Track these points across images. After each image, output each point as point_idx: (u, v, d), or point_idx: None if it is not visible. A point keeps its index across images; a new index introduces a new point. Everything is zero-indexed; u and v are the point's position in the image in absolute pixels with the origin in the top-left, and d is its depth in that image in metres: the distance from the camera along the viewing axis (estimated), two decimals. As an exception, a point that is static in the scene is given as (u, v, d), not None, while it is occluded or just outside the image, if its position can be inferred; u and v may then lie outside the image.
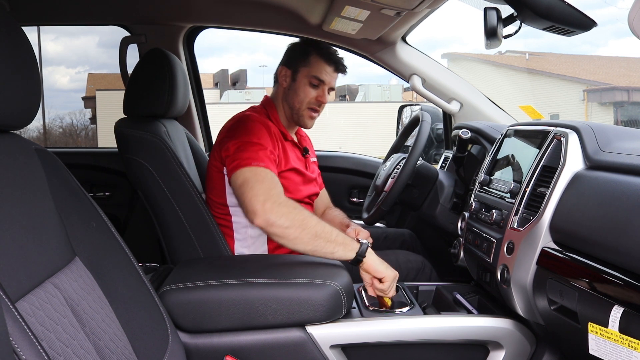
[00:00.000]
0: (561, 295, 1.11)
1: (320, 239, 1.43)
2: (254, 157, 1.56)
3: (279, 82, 1.85)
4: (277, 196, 1.47)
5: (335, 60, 1.82)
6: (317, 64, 1.80)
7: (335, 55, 1.83)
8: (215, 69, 31.37)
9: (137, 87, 1.83)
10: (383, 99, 21.76)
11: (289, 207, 1.45)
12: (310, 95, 1.79)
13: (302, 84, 1.80)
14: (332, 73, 1.82)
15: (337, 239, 1.44)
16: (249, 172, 1.52)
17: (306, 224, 1.43)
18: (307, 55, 1.81)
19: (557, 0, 1.31)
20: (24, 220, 0.92)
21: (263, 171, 1.53)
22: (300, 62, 1.81)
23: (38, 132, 18.89)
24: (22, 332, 0.74)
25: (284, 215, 1.42)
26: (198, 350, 1.32)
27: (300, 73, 1.80)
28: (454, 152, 1.89)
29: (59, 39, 40.28)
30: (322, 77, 1.79)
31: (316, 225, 1.43)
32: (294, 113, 1.81)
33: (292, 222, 1.42)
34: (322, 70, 1.80)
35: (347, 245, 1.45)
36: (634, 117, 17.44)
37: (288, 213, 1.43)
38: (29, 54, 0.96)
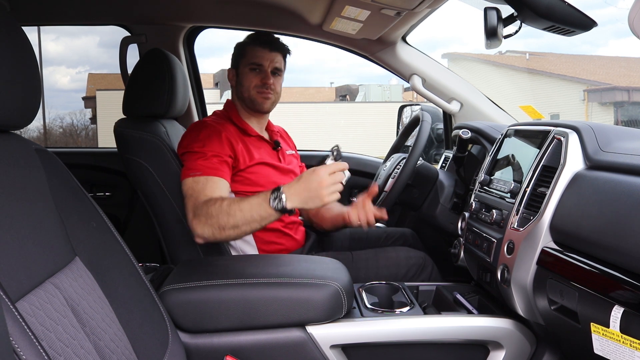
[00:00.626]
0: (561, 295, 1.11)
1: (241, 227, 1.46)
2: (190, 166, 1.63)
3: (230, 84, 1.92)
4: (198, 207, 1.52)
5: (266, 40, 1.85)
6: (252, 51, 1.85)
7: (267, 36, 1.87)
8: (215, 69, 31.33)
9: (137, 87, 1.84)
10: (383, 99, 21.77)
11: (203, 215, 1.49)
12: (254, 80, 1.84)
13: (244, 74, 1.85)
14: (269, 54, 1.84)
15: (254, 216, 1.45)
16: (184, 186, 1.61)
17: (221, 224, 1.47)
18: (243, 49, 1.87)
19: (557, 0, 1.31)
20: (24, 220, 0.92)
21: (194, 181, 1.59)
22: (240, 58, 1.87)
23: (38, 132, 18.91)
24: (22, 332, 0.74)
25: (204, 226, 1.49)
26: (198, 350, 1.32)
27: (241, 66, 1.86)
28: (454, 152, 1.89)
29: (59, 39, 40.30)
30: (258, 61, 1.83)
31: (229, 218, 1.46)
32: (247, 102, 1.86)
33: (212, 228, 1.48)
34: (257, 54, 1.84)
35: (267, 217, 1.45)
36: (634, 117, 17.43)
37: (205, 222, 1.49)
38: (29, 54, 0.96)
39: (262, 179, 1.78)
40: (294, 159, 2.01)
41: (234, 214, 1.46)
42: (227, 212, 1.47)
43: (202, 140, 1.69)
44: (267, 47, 1.85)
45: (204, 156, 1.65)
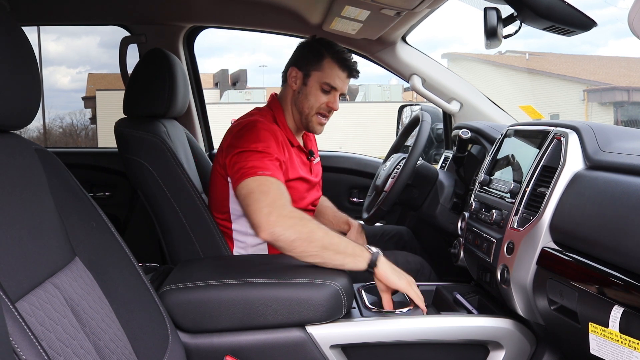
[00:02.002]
0: (561, 295, 1.11)
1: (329, 251, 1.38)
2: (259, 165, 1.50)
3: (288, 84, 1.78)
4: (282, 207, 1.41)
5: (349, 65, 1.75)
6: (330, 69, 1.73)
7: (349, 60, 1.76)
8: (215, 69, 31.36)
9: (137, 87, 1.83)
10: (383, 99, 21.77)
11: (294, 219, 1.39)
12: (321, 100, 1.74)
13: (314, 89, 1.73)
14: (345, 79, 1.76)
15: (347, 250, 1.39)
16: (253, 183, 1.46)
17: (313, 237, 1.38)
18: (320, 59, 1.73)
19: (557, 0, 1.31)
20: (24, 220, 0.92)
21: (268, 180, 1.47)
22: (313, 65, 1.74)
23: (38, 132, 18.92)
24: (22, 332, 0.74)
25: (290, 228, 1.37)
26: (198, 350, 1.32)
27: (312, 77, 1.73)
28: (454, 152, 1.89)
29: (60, 39, 40.32)
30: (335, 84, 1.73)
31: (324, 237, 1.38)
32: (303, 118, 1.77)
33: (299, 234, 1.37)
34: (335, 77, 1.73)
35: (357, 256, 1.40)
36: (634, 117, 17.44)
37: (294, 225, 1.38)
38: (29, 54, 0.96)
39: (295, 194, 1.70)
40: (319, 168, 1.95)
41: (331, 237, 1.39)
42: (325, 232, 1.39)
43: (263, 140, 1.58)
44: (346, 72, 1.75)
45: (270, 157, 1.55)
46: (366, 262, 1.40)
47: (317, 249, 1.38)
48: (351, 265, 1.40)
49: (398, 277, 1.41)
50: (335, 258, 1.39)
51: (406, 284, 1.41)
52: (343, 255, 1.39)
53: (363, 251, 1.41)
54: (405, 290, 1.41)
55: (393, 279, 1.40)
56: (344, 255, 1.39)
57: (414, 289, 1.42)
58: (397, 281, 1.40)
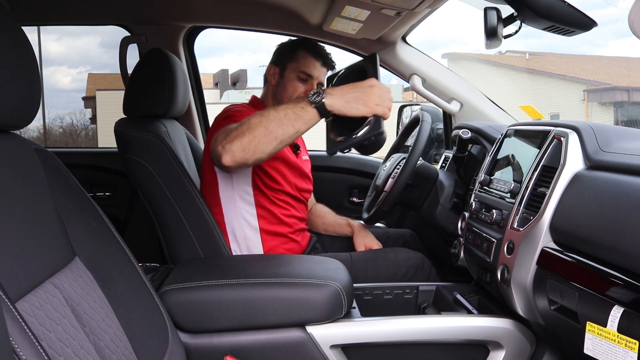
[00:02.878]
0: (561, 295, 1.11)
1: (274, 129, 1.38)
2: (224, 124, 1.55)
3: (268, 81, 1.87)
4: (227, 130, 1.44)
5: (322, 54, 1.83)
6: (304, 59, 1.81)
7: (322, 49, 1.85)
8: (216, 69, 31.37)
9: (137, 87, 1.83)
10: (383, 99, 21.71)
11: (233, 132, 1.41)
12: (299, 89, 1.80)
13: (291, 79, 1.81)
14: (320, 67, 1.82)
15: (288, 113, 1.39)
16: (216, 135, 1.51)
17: (252, 129, 1.38)
18: (295, 51, 1.82)
19: (557, 0, 1.31)
20: (24, 220, 0.92)
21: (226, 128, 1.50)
22: (288, 59, 1.83)
23: (38, 132, 18.90)
24: (22, 332, 0.74)
25: (234, 141, 1.39)
26: (198, 350, 1.32)
27: (288, 69, 1.81)
28: (454, 152, 1.89)
29: (61, 39, 40.31)
30: (309, 72, 1.80)
31: (260, 122, 1.39)
32: None
33: (241, 137, 1.39)
34: (309, 65, 1.80)
35: (301, 113, 1.38)
36: (634, 117, 17.43)
37: (235, 136, 1.40)
38: (29, 54, 0.96)
39: (278, 176, 1.77)
40: (309, 165, 1.99)
41: (267, 115, 1.39)
42: (260, 115, 1.39)
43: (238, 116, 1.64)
44: (320, 60, 1.82)
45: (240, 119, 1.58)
46: (314, 112, 1.38)
47: (264, 135, 1.38)
48: (305, 124, 1.39)
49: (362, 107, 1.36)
50: (286, 130, 1.39)
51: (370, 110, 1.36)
52: (290, 122, 1.38)
53: (304, 104, 1.39)
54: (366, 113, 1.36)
55: (353, 111, 1.36)
56: (291, 121, 1.38)
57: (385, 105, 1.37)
58: (358, 111, 1.36)
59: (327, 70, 1.85)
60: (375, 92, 1.38)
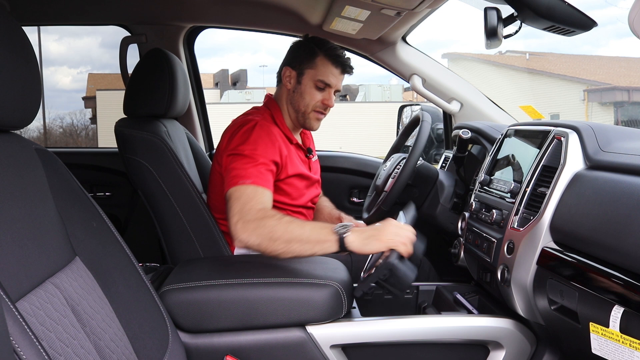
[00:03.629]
0: (561, 295, 1.11)
1: (294, 244, 1.37)
2: (241, 174, 1.52)
3: (283, 83, 1.79)
4: (247, 213, 1.43)
5: (342, 62, 1.76)
6: (323, 67, 1.73)
7: (342, 56, 1.77)
8: (216, 69, 31.35)
9: (137, 87, 1.83)
10: (383, 99, 21.76)
11: (255, 222, 1.40)
12: (317, 98, 1.75)
13: (308, 87, 1.74)
14: (339, 75, 1.76)
15: (311, 238, 1.37)
16: (231, 192, 1.50)
17: (274, 235, 1.37)
18: (313, 56, 1.74)
19: (557, 0, 1.32)
20: (24, 220, 0.92)
21: (241, 188, 1.49)
22: (306, 63, 1.74)
23: (38, 132, 18.92)
24: (23, 332, 0.74)
25: (252, 233, 1.39)
26: (198, 350, 1.32)
27: (306, 75, 1.74)
28: (454, 152, 1.89)
29: (62, 39, 40.32)
30: (328, 81, 1.74)
31: (284, 234, 1.37)
32: (300, 116, 1.77)
33: (261, 237, 1.38)
34: (329, 73, 1.74)
35: (324, 241, 1.36)
36: (634, 117, 17.44)
37: (255, 229, 1.39)
38: (29, 54, 0.96)
39: (295, 192, 1.74)
40: (318, 166, 1.95)
41: (292, 230, 1.38)
42: (286, 226, 1.38)
43: (254, 142, 1.59)
44: (339, 68, 1.75)
45: (254, 162, 1.56)
46: (335, 245, 1.36)
47: (283, 245, 1.37)
48: (321, 252, 1.38)
49: (372, 244, 1.35)
50: (303, 249, 1.37)
51: (381, 244, 1.35)
52: (310, 245, 1.37)
53: (329, 234, 1.37)
54: (383, 249, 1.35)
55: (368, 248, 1.35)
56: (312, 244, 1.37)
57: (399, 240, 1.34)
58: (371, 249, 1.35)
59: (344, 77, 1.78)
60: (390, 229, 1.36)
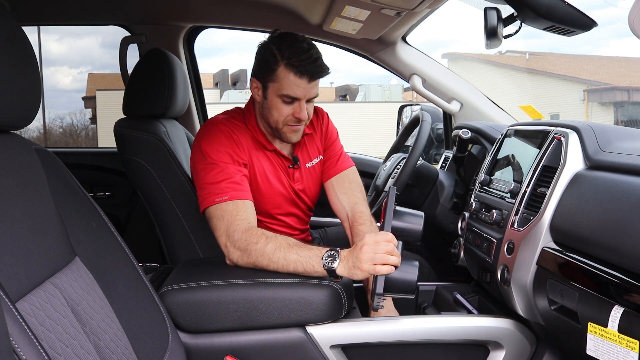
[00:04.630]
0: (561, 295, 1.11)
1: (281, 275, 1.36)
2: (215, 191, 1.47)
3: (253, 95, 1.62)
4: (232, 234, 1.42)
5: (308, 70, 1.49)
6: (286, 79, 1.49)
7: (306, 63, 1.49)
8: (215, 69, 31.34)
9: (136, 87, 1.84)
10: (383, 99, 21.76)
11: (241, 250, 1.40)
12: (285, 112, 1.54)
13: (274, 102, 1.53)
14: (307, 85, 1.51)
15: (297, 268, 1.34)
16: (211, 211, 1.47)
17: (260, 265, 1.38)
18: (275, 67, 1.50)
19: (557, 0, 1.32)
20: (24, 220, 0.92)
21: (222, 206, 1.46)
22: (268, 76, 1.52)
23: (38, 132, 18.91)
24: (22, 332, 0.74)
25: (239, 259, 1.41)
26: (198, 350, 1.32)
27: (270, 89, 1.53)
28: (454, 152, 1.89)
29: (62, 39, 40.32)
30: (294, 94, 1.51)
31: (269, 263, 1.36)
32: (273, 130, 1.59)
33: (249, 265, 1.40)
34: (293, 86, 1.50)
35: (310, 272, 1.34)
36: (634, 117, 17.44)
37: (241, 256, 1.40)
38: (29, 54, 0.96)
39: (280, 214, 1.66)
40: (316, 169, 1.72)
41: (277, 261, 1.36)
42: (270, 257, 1.36)
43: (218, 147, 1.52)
44: (306, 77, 1.49)
45: (223, 170, 1.49)
46: (321, 266, 1.33)
47: (270, 273, 1.37)
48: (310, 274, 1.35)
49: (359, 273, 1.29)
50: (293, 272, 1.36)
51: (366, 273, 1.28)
52: (295, 273, 1.36)
53: (317, 265, 1.33)
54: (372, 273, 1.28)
55: (355, 275, 1.30)
56: (295, 272, 1.36)
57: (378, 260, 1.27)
58: (359, 275, 1.29)
59: (317, 82, 1.54)
60: (366, 254, 1.27)
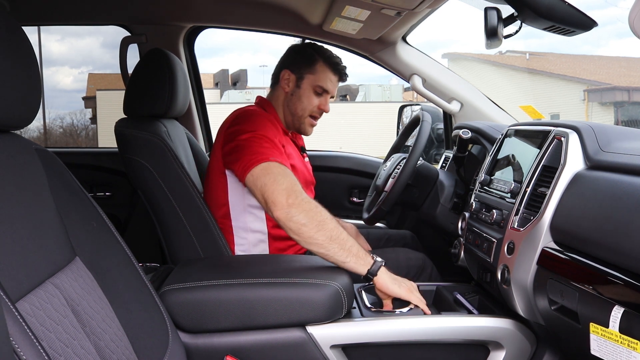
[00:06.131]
0: (562, 296, 1.11)
1: (335, 244, 1.40)
2: (268, 152, 1.53)
3: (281, 86, 1.82)
4: (300, 193, 1.45)
5: (340, 70, 1.82)
6: (323, 73, 1.79)
7: (340, 64, 1.83)
8: (216, 69, 31.32)
9: (137, 87, 1.83)
10: (383, 99, 21.76)
11: (310, 205, 1.43)
12: (314, 103, 1.80)
13: (307, 91, 1.79)
14: (336, 82, 1.83)
15: (352, 249, 1.41)
16: (270, 166, 1.49)
17: (323, 226, 1.40)
18: (314, 62, 1.79)
19: (557, 0, 1.32)
20: (24, 220, 0.92)
21: (282, 167, 1.50)
22: (306, 68, 1.79)
23: (38, 132, 18.91)
24: (23, 332, 0.74)
25: (304, 212, 1.40)
26: (198, 350, 1.32)
27: (306, 80, 1.79)
28: (455, 152, 1.89)
29: (64, 39, 40.28)
30: (327, 87, 1.80)
31: (333, 229, 1.41)
32: (295, 120, 1.82)
33: (311, 220, 1.40)
34: (327, 80, 1.79)
35: (360, 258, 1.41)
36: (635, 117, 17.45)
37: (309, 210, 1.41)
38: (29, 54, 0.96)
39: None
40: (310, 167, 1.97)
41: (340, 231, 1.41)
42: (335, 224, 1.42)
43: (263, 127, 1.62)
44: (337, 76, 1.82)
45: (272, 142, 1.58)
46: (367, 268, 1.41)
47: (325, 239, 1.39)
48: (352, 265, 1.41)
49: (398, 286, 1.43)
50: (339, 253, 1.40)
51: (406, 291, 1.43)
52: (347, 253, 1.40)
53: (367, 256, 1.42)
54: (406, 297, 1.42)
55: (393, 288, 1.42)
56: (348, 254, 1.40)
57: (415, 295, 1.44)
58: (397, 290, 1.42)
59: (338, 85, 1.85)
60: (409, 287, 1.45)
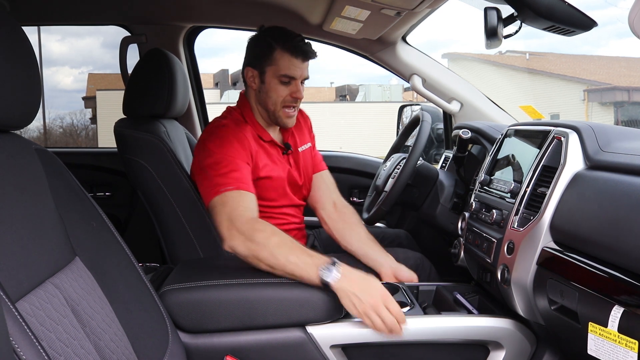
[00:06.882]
0: (561, 295, 1.11)
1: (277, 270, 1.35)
2: (225, 182, 1.52)
3: (249, 85, 1.74)
4: (237, 219, 1.43)
5: (302, 50, 1.67)
6: (283, 60, 1.66)
7: (300, 44, 1.67)
8: (215, 69, 31.32)
9: (137, 87, 1.84)
10: (383, 99, 21.79)
11: (245, 235, 1.40)
12: (284, 93, 1.68)
13: (273, 84, 1.68)
14: (301, 64, 1.68)
15: (294, 272, 1.32)
16: (215, 201, 1.50)
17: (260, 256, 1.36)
18: (271, 52, 1.66)
19: (557, 0, 1.32)
20: (24, 220, 0.92)
21: (226, 195, 1.49)
22: (265, 61, 1.68)
23: (38, 132, 18.91)
24: (23, 332, 0.74)
25: (241, 244, 1.39)
26: (198, 350, 1.32)
27: (268, 73, 1.68)
28: (454, 152, 1.89)
29: (64, 39, 40.29)
30: (292, 74, 1.67)
31: (269, 257, 1.35)
32: (270, 115, 1.72)
33: (248, 252, 1.38)
34: (290, 66, 1.66)
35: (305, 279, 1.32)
36: (635, 117, 17.45)
37: (244, 241, 1.39)
38: (29, 54, 0.97)
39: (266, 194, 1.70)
40: (308, 154, 1.87)
41: (278, 257, 1.34)
42: (272, 251, 1.36)
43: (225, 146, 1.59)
44: (300, 57, 1.67)
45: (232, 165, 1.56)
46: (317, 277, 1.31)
47: (266, 267, 1.36)
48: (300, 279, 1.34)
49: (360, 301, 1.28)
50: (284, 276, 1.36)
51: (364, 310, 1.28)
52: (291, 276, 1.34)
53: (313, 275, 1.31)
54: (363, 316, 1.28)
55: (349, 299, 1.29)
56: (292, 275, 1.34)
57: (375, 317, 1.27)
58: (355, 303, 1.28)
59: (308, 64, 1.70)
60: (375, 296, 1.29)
